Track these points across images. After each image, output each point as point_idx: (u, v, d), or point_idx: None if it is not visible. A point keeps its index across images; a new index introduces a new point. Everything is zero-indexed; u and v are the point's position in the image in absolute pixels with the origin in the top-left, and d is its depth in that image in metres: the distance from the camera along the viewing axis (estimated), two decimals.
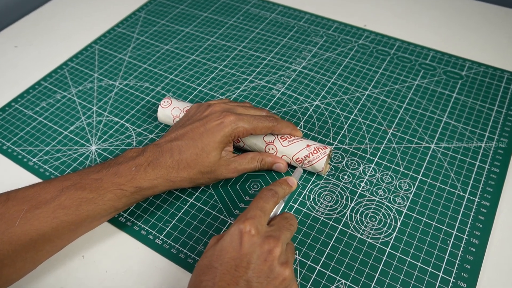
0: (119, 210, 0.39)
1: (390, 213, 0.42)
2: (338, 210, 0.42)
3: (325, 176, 0.44)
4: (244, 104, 0.44)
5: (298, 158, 0.42)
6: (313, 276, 0.38)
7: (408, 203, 0.42)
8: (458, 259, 0.38)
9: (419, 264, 0.38)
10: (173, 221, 0.42)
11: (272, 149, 0.43)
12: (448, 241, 0.39)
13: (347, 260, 0.38)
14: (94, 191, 0.36)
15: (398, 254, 0.39)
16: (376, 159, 0.46)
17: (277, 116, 0.44)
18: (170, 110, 0.47)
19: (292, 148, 0.43)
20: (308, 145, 0.43)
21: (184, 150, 0.39)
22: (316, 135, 0.48)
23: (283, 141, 0.43)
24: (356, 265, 0.38)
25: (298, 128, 0.46)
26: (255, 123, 0.41)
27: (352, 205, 0.42)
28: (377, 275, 0.37)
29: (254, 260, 0.31)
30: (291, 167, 0.45)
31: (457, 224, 0.41)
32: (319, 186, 0.44)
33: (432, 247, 0.39)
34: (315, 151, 0.42)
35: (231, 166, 0.41)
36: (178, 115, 0.47)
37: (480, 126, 0.49)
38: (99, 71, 0.59)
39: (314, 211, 0.42)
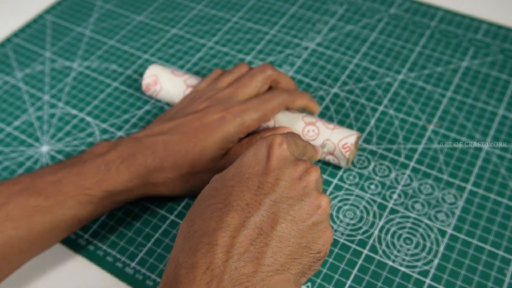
0: (84, 222, 0.39)
1: (431, 233, 0.42)
2: (363, 230, 0.42)
3: (348, 167, 0.45)
4: (241, 80, 0.44)
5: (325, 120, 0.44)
6: None
7: (454, 221, 0.42)
8: None
9: None
10: (149, 244, 0.42)
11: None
12: (506, 270, 0.39)
13: None
14: (51, 197, 0.37)
15: (441, 287, 0.39)
16: (412, 164, 0.46)
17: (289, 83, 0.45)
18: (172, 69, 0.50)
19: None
20: None
21: (171, 145, 0.40)
22: None
23: None
24: None
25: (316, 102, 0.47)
26: (264, 106, 0.42)
27: (381, 223, 0.42)
28: None
29: (285, 177, 0.31)
30: None
31: None
32: (338, 198, 0.44)
33: (485, 277, 0.39)
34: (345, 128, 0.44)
35: (230, 163, 0.41)
36: (181, 74, 0.49)
37: None
38: (52, 49, 0.58)
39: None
